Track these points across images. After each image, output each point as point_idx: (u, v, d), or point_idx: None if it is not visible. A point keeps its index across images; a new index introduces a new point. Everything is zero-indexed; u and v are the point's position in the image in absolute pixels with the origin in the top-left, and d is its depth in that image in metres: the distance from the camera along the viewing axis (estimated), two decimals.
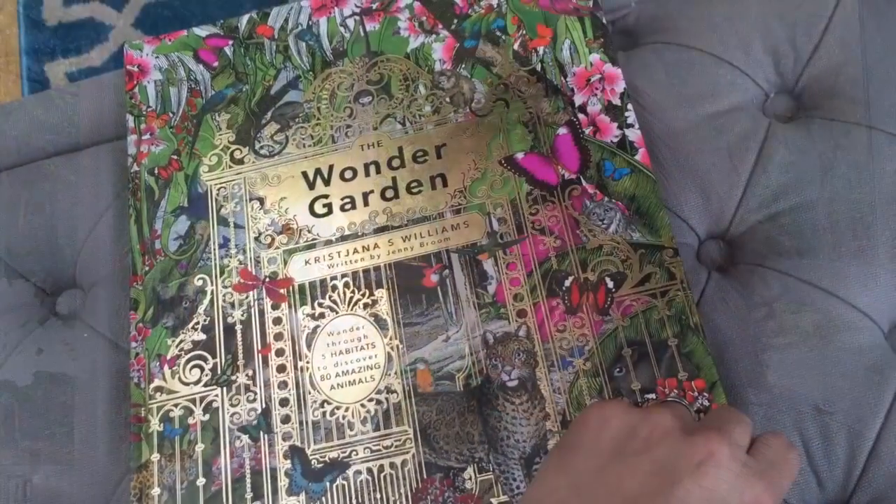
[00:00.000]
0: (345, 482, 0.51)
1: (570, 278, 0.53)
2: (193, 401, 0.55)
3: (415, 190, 0.57)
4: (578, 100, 0.58)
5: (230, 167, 0.60)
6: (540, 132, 0.57)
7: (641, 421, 0.38)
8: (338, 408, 0.53)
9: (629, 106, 0.57)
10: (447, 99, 0.60)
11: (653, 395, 0.50)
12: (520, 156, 0.57)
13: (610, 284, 0.53)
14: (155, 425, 0.54)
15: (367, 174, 0.59)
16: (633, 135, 0.56)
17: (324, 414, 0.53)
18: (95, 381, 0.56)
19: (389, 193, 0.58)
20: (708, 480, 0.35)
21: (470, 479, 0.50)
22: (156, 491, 0.53)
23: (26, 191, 0.61)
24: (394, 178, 0.58)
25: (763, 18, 0.58)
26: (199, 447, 0.53)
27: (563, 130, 0.57)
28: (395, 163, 0.58)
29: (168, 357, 0.56)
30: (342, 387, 0.53)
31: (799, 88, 0.58)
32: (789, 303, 0.51)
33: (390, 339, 0.54)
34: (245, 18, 0.65)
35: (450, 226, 0.56)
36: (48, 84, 1.11)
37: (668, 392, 0.50)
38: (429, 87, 0.60)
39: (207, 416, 0.54)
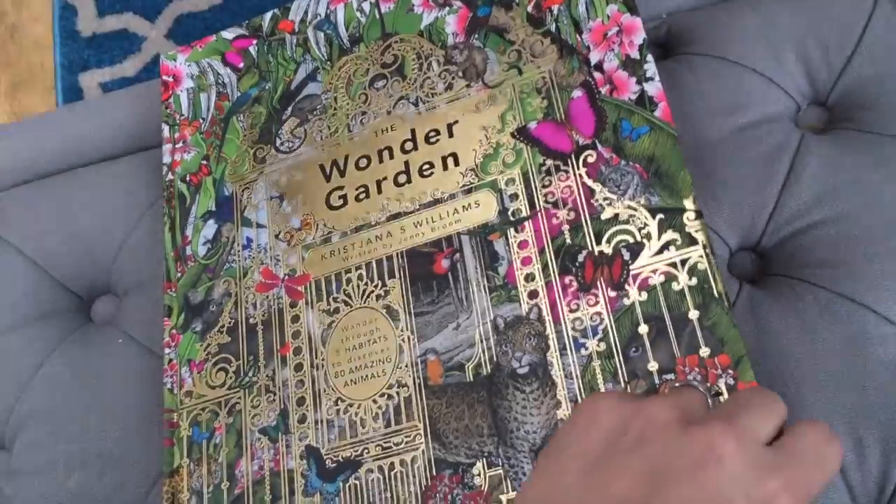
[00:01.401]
0: (357, 482, 0.52)
1: (584, 252, 0.51)
2: (219, 404, 0.57)
3: (426, 172, 0.57)
4: (595, 57, 0.55)
5: (254, 167, 0.63)
6: (554, 97, 0.56)
7: (634, 415, 0.35)
8: (351, 405, 0.54)
9: (648, 57, 0.54)
10: (459, 73, 0.59)
11: (671, 376, 0.47)
12: (532, 125, 0.55)
13: (626, 256, 0.50)
14: (185, 430, 0.58)
15: (381, 160, 0.59)
16: (653, 88, 0.53)
17: (337, 412, 0.54)
18: (129, 387, 0.60)
19: (402, 178, 0.58)
20: (707, 480, 0.32)
21: (479, 474, 0.49)
22: (185, 496, 0.56)
23: (63, 199, 0.66)
24: (406, 163, 0.58)
25: (795, 29, 0.59)
26: (224, 450, 0.56)
27: (577, 93, 0.55)
28: (408, 146, 0.59)
29: (197, 361, 0.59)
30: (355, 383, 0.54)
31: (832, 100, 0.58)
32: (822, 315, 0.51)
33: (401, 330, 0.54)
34: (268, 15, 0.68)
35: (461, 206, 0.55)
36: (82, 94, 1.19)
37: (689, 371, 0.47)
38: (441, 63, 0.60)
39: (231, 419, 0.56)
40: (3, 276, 0.64)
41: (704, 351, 0.46)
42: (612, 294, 0.49)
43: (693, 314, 0.47)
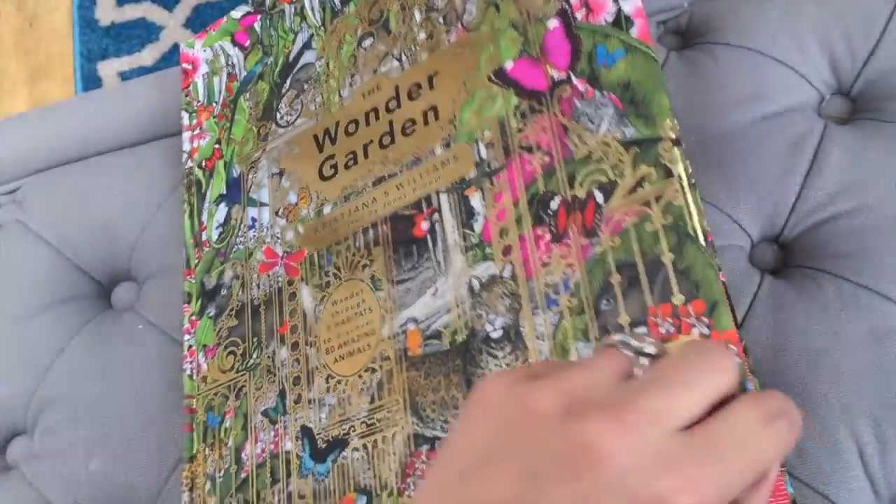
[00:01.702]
0: (344, 461, 0.50)
1: (558, 199, 0.46)
2: (229, 388, 0.57)
3: (409, 130, 0.54)
4: None
5: (257, 145, 0.62)
6: (530, 31, 0.51)
7: (517, 406, 0.30)
8: (339, 382, 0.52)
9: None
10: (440, 20, 0.55)
11: (644, 329, 0.41)
12: (509, 65, 0.51)
13: (599, 198, 0.45)
14: (201, 416, 0.58)
15: (368, 123, 0.56)
16: (630, 6, 0.47)
17: (328, 389, 0.52)
18: (149, 373, 0.61)
19: (386, 140, 0.55)
20: (582, 486, 0.27)
21: None
22: (201, 480, 0.56)
23: (84, 185, 0.68)
24: (390, 122, 0.55)
25: (819, 18, 0.58)
26: (233, 434, 0.56)
27: (553, 23, 0.50)
28: (392, 105, 0.55)
29: (211, 346, 0.59)
30: (343, 358, 0.52)
31: (855, 90, 0.57)
32: (844, 307, 0.50)
33: (384, 300, 0.51)
34: None
35: (440, 163, 0.52)
36: (101, 83, 1.20)
37: (661, 322, 0.41)
38: (423, 10, 0.56)
39: (238, 403, 0.56)
40: (25, 261, 0.67)
41: (678, 298, 0.41)
42: (585, 242, 0.44)
43: (667, 257, 0.42)
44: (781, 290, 0.52)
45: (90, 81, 1.25)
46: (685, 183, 0.42)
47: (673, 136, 0.43)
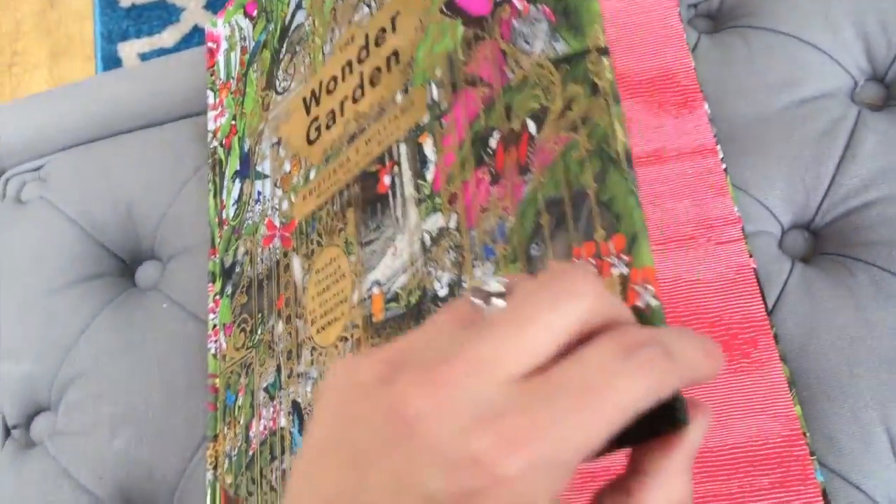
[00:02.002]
0: None
1: (497, 135, 0.41)
2: (241, 365, 0.56)
3: (375, 80, 0.50)
4: None
5: (261, 116, 0.60)
6: None
7: (346, 385, 0.27)
8: (321, 354, 0.49)
9: None
10: None
11: None
12: None
13: (532, 128, 0.39)
14: (222, 394, 0.57)
15: (344, 78, 0.53)
16: None
17: (312, 362, 0.50)
18: (173, 351, 0.61)
19: (358, 94, 0.51)
20: (397, 457, 0.24)
21: None
22: (222, 459, 0.56)
23: (108, 164, 0.68)
24: (361, 74, 0.52)
25: (854, 3, 0.58)
26: (243, 412, 0.55)
27: None
28: (363, 55, 0.52)
29: (227, 325, 0.58)
30: (324, 329, 0.49)
31: (890, 76, 0.57)
32: (876, 295, 0.50)
33: (354, 264, 0.48)
34: None
35: (399, 111, 0.48)
36: (121, 64, 1.18)
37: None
38: None
39: (248, 380, 0.55)
40: (49, 239, 0.67)
41: (600, 234, 0.35)
42: (519, 181, 0.39)
43: (591, 189, 0.36)
44: (812, 277, 0.51)
45: (110, 62, 1.26)
46: (610, 98, 0.36)
47: (601, 44, 0.37)
